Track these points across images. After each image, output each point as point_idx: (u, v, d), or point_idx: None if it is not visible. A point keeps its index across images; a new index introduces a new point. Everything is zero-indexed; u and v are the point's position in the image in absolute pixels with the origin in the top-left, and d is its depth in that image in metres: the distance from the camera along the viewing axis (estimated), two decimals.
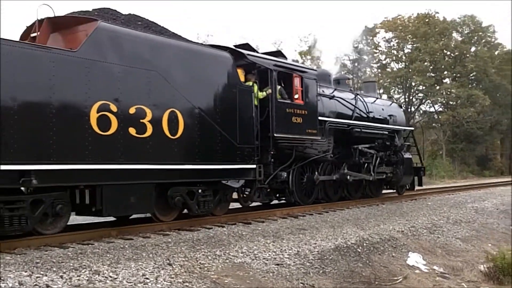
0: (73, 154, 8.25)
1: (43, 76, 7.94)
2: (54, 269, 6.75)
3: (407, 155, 17.89)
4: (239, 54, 11.68)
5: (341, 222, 12.25)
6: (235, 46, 12.46)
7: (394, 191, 18.78)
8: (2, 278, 6.20)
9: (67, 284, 6.35)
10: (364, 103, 16.57)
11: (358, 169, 15.91)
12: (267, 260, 8.64)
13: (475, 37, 54.53)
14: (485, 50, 52.76)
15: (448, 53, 52.91)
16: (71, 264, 7.01)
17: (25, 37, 9.49)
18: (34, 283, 6.20)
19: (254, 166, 11.50)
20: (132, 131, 8.98)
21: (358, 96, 16.61)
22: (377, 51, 52.25)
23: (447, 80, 53.20)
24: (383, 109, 17.71)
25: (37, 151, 7.85)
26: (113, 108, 8.72)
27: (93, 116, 8.45)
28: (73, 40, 9.00)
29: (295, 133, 12.79)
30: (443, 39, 51.64)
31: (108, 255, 7.65)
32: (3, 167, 7.42)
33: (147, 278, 6.87)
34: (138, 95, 9.15)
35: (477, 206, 18.12)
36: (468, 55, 52.61)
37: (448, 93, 50.39)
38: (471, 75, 53.28)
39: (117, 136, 8.77)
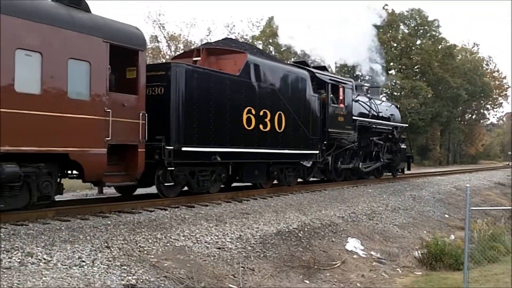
0: (235, 142, 12.68)
1: (224, 91, 12.36)
2: None
3: (402, 146, 23.13)
4: (308, 70, 16.24)
5: (284, 207, 12.39)
6: (294, 62, 18.41)
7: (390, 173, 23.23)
8: None
9: None
10: (375, 105, 21.07)
11: (371, 156, 20.82)
12: (209, 244, 8.63)
13: (421, 31, 56.21)
14: (429, 43, 54.51)
15: (395, 44, 54.28)
16: (2, 246, 6.71)
17: (179, 57, 14.35)
18: None
19: (318, 151, 16.19)
20: (261, 126, 13.55)
21: (372, 99, 21.03)
22: None
23: (392, 71, 54.65)
24: (386, 110, 22.28)
25: (220, 139, 12.19)
26: (253, 111, 13.25)
27: (244, 117, 12.96)
28: (222, 64, 13.59)
29: (339, 128, 17.50)
30: (390, 31, 52.88)
31: (43, 237, 7.38)
32: (205, 149, 11.79)
33: (83, 261, 6.69)
34: (264, 102, 13.70)
35: (415, 194, 18.82)
36: (413, 48, 54.21)
37: (393, 83, 51.80)
38: (415, 67, 55.00)
39: (254, 130, 13.32)
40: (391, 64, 53.77)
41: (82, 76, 9.06)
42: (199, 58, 13.30)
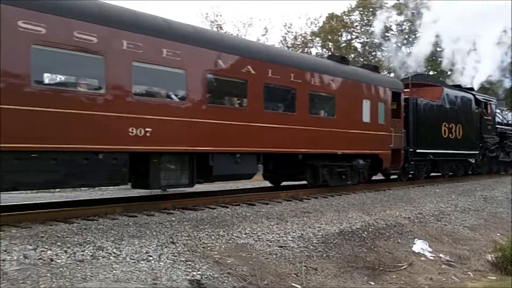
0: (438, 145, 19.50)
1: (433, 113, 19.52)
2: (59, 243, 6.75)
3: None
4: (471, 94, 22.87)
5: (346, 206, 12.17)
6: (453, 85, 24.03)
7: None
8: (7, 251, 6.23)
9: (71, 258, 6.36)
10: (505, 114, 28.16)
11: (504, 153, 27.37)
12: (271, 242, 8.60)
13: None
14: None
15: None
16: (76, 239, 7.02)
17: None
18: (39, 257, 6.21)
19: (477, 152, 23.04)
20: (449, 135, 20.49)
21: (503, 111, 28.16)
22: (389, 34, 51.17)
23: None
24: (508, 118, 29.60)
25: (431, 144, 18.97)
26: (446, 125, 20.25)
27: (442, 129, 19.93)
28: (421, 93, 19.82)
29: (488, 134, 24.21)
30: None
31: (112, 232, 7.65)
32: (425, 150, 18.66)
33: (150, 256, 6.87)
34: (451, 118, 20.56)
35: (486, 195, 17.93)
36: None
37: None
38: None
39: (446, 138, 20.24)
40: None
41: (382, 110, 16.07)
42: (408, 90, 19.13)
